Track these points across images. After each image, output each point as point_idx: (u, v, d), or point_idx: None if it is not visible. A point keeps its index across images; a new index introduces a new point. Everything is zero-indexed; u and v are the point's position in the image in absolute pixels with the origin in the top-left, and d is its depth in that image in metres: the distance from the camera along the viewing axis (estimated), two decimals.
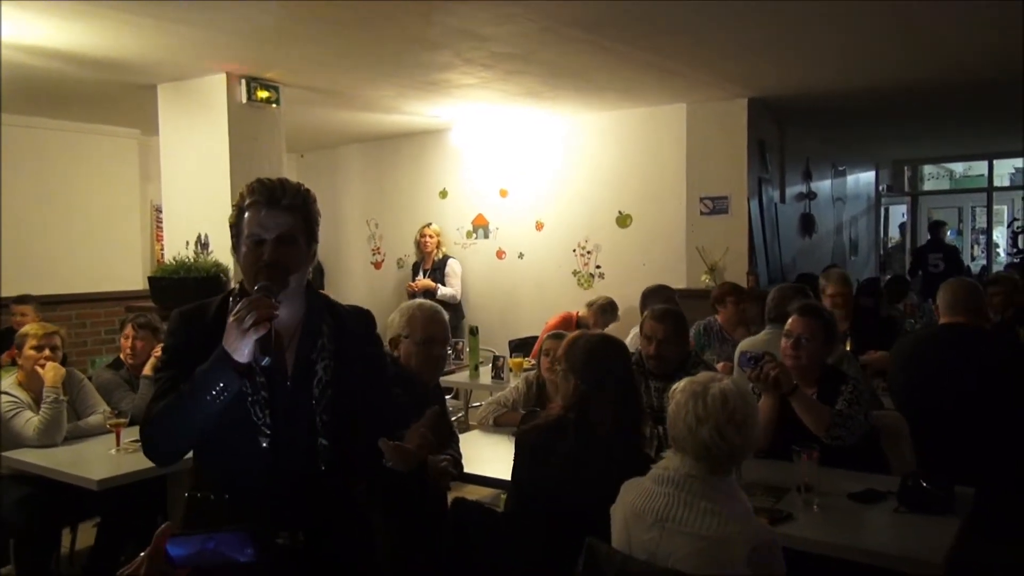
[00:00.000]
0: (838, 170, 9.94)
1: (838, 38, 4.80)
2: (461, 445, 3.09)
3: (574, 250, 7.27)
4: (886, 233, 13.14)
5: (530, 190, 7.47)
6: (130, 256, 7.37)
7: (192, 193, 5.62)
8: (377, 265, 8.61)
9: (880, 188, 12.08)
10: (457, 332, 6.20)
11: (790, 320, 3.14)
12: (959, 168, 14.20)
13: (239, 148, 5.43)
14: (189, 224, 5.62)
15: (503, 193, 7.64)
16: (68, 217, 6.89)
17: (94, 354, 6.56)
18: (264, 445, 1.72)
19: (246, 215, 1.76)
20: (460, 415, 5.97)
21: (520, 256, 7.57)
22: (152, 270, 6.30)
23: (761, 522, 2.02)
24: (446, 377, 5.10)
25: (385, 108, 6.65)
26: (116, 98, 5.93)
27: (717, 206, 6.53)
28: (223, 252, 5.39)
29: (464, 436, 3.48)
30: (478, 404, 4.87)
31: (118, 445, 3.40)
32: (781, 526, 2.34)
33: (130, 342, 4.10)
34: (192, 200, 5.62)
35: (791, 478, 2.62)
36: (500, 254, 7.68)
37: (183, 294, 4.84)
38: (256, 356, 1.63)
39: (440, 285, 7.22)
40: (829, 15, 4.30)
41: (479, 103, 6.52)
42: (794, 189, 8.13)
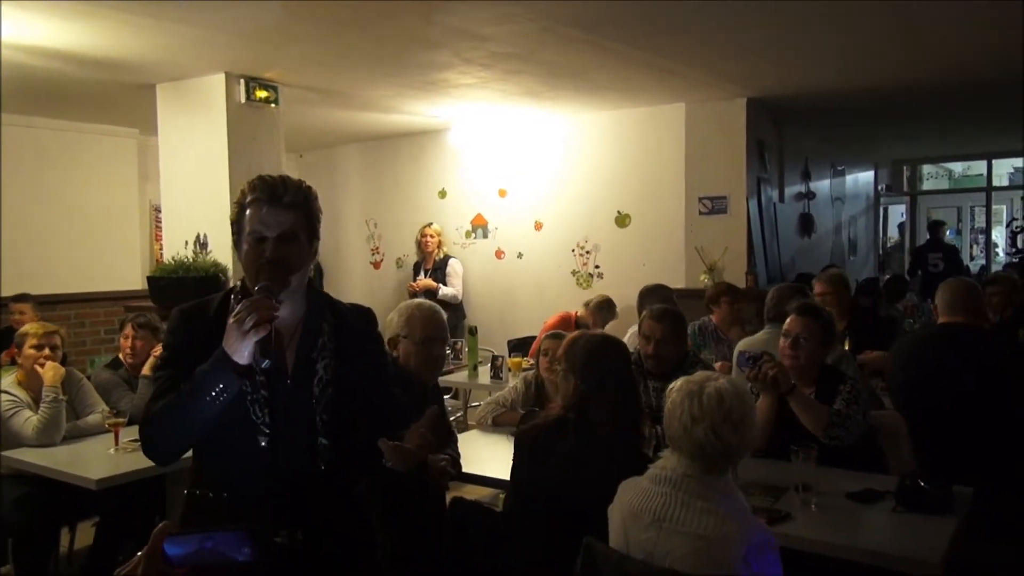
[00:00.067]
0: (837, 170, 9.94)
1: (837, 38, 4.81)
2: (460, 445, 3.09)
3: (573, 250, 7.27)
4: (885, 233, 13.14)
5: (529, 190, 7.47)
6: (129, 256, 7.37)
7: (191, 193, 5.63)
8: (376, 265, 8.60)
9: (879, 188, 12.08)
10: (457, 332, 6.20)
11: (788, 320, 3.14)
12: (958, 168, 14.19)
13: (238, 148, 5.44)
14: (188, 224, 5.62)
15: (502, 193, 7.64)
16: (67, 217, 6.89)
17: (93, 354, 6.55)
18: (263, 444, 1.71)
19: (247, 212, 1.75)
20: (459, 415, 5.97)
21: (519, 256, 7.57)
22: (151, 270, 6.30)
23: (758, 521, 2.02)
24: (445, 377, 5.10)
25: (384, 108, 6.65)
26: (115, 98, 5.93)
27: (716, 206, 6.53)
28: (222, 252, 5.39)
29: (463, 436, 3.48)
30: (477, 404, 4.87)
31: (117, 444, 3.40)
32: (779, 526, 2.34)
33: (130, 342, 4.10)
34: (191, 200, 5.63)
35: (789, 478, 2.62)
36: (499, 254, 7.68)
37: (182, 294, 4.84)
38: (256, 358, 1.62)
39: (441, 285, 7.21)
40: (828, 15, 4.30)
41: (478, 103, 6.52)
42: (793, 189, 8.13)
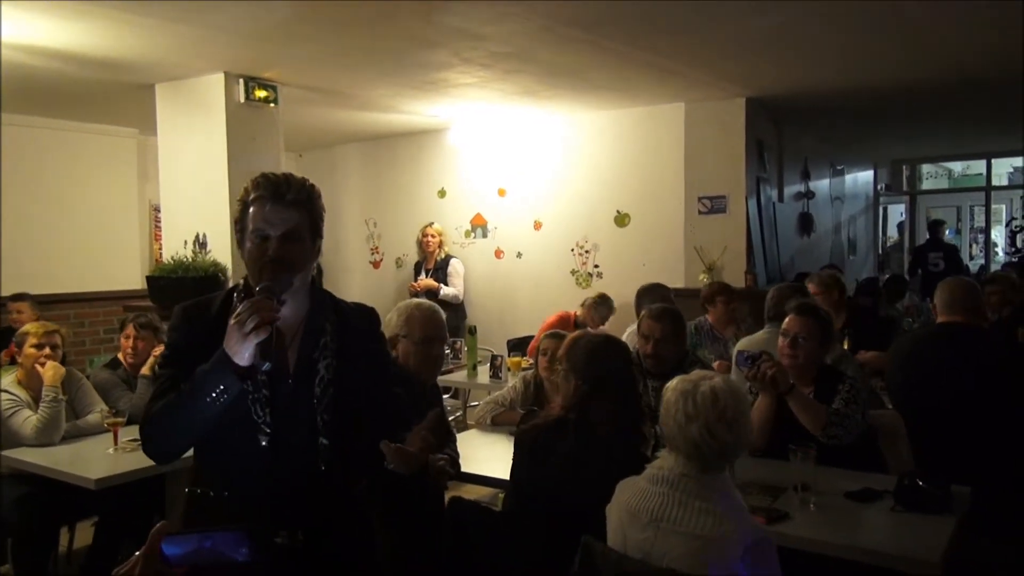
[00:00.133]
0: (836, 169, 9.94)
1: (837, 38, 4.81)
2: (459, 444, 3.08)
3: (572, 249, 7.27)
4: (884, 232, 13.14)
5: (528, 189, 7.47)
6: (128, 255, 7.36)
7: (190, 192, 5.63)
8: (376, 264, 8.60)
9: (878, 187, 12.08)
10: (458, 333, 6.20)
11: (787, 319, 3.13)
12: (957, 167, 14.19)
13: (237, 147, 5.44)
14: (187, 223, 5.62)
15: (501, 192, 7.64)
16: (66, 216, 6.88)
17: (92, 353, 6.55)
18: (264, 444, 1.70)
19: (250, 210, 1.74)
20: (458, 414, 5.97)
21: (518, 255, 7.57)
22: (150, 269, 6.30)
23: (755, 521, 2.02)
24: (444, 376, 5.10)
25: (383, 107, 6.65)
26: (114, 98, 5.93)
27: (715, 205, 6.53)
28: (221, 251, 5.39)
29: (462, 435, 3.48)
30: (476, 403, 4.87)
31: (116, 444, 3.40)
32: (778, 525, 2.34)
33: (131, 342, 4.10)
34: (190, 199, 5.63)
35: (788, 477, 2.62)
36: (498, 253, 7.68)
37: (181, 293, 4.83)
38: (256, 361, 1.60)
39: (443, 285, 7.20)
40: (828, 15, 4.30)
41: (477, 102, 6.52)
42: (792, 188, 8.13)
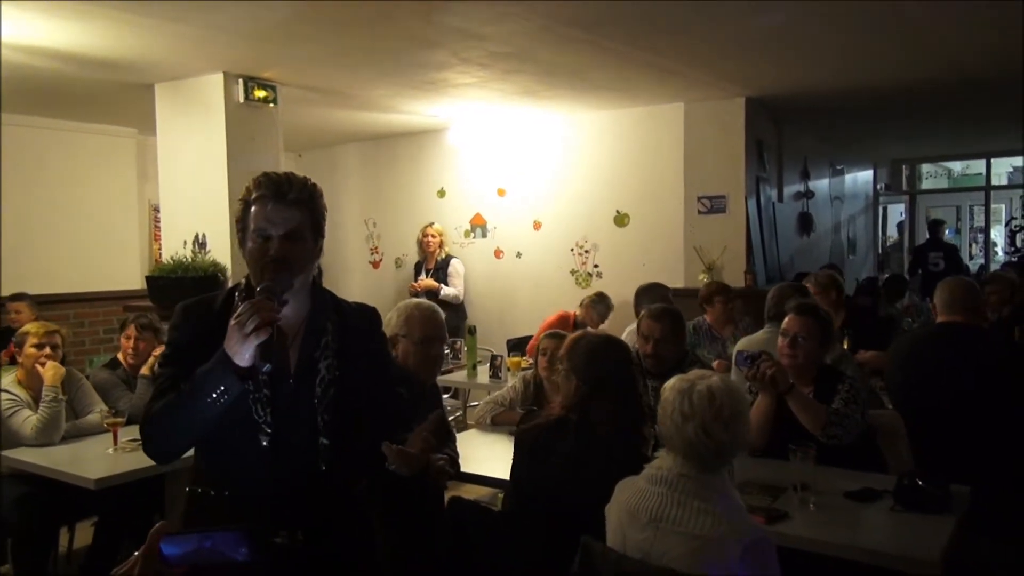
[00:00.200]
0: (836, 169, 9.94)
1: (836, 37, 4.80)
2: (458, 444, 3.08)
3: (572, 249, 7.27)
4: (884, 232, 13.13)
5: (528, 189, 7.47)
6: (128, 255, 7.36)
7: (190, 192, 5.62)
8: (375, 264, 8.60)
9: (878, 187, 12.08)
10: (458, 333, 6.20)
11: (786, 319, 3.13)
12: (957, 167, 14.20)
13: (236, 147, 5.44)
14: (187, 223, 5.62)
15: (501, 192, 7.64)
16: (66, 216, 6.88)
17: (92, 353, 6.56)
18: (264, 444, 1.70)
19: (252, 209, 1.74)
20: (458, 414, 5.97)
21: (518, 255, 7.57)
22: (150, 269, 6.30)
23: (754, 521, 2.02)
24: (444, 376, 5.09)
25: (383, 107, 6.65)
26: (114, 97, 5.93)
27: (715, 205, 6.53)
28: (221, 251, 5.39)
29: (461, 435, 3.48)
30: (476, 403, 4.87)
31: (115, 444, 3.40)
32: (777, 525, 2.34)
33: (132, 342, 4.10)
34: (190, 199, 5.63)
35: (787, 477, 2.62)
36: (498, 253, 7.68)
37: (181, 293, 4.81)
38: (257, 362, 1.60)
39: (443, 285, 7.20)
40: (828, 15, 4.30)
41: (477, 102, 6.52)
42: (792, 188, 8.13)
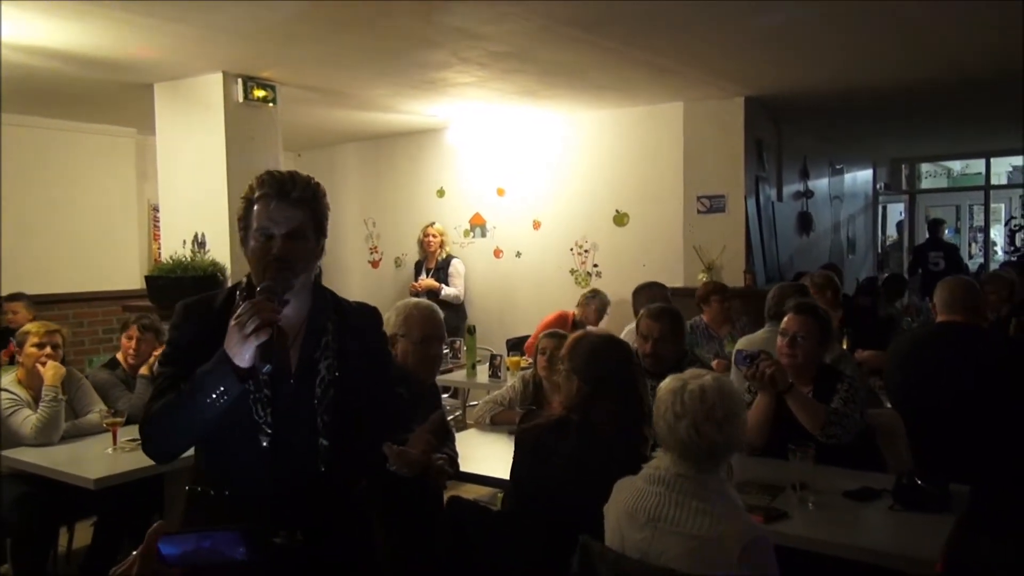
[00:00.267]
0: (835, 168, 9.93)
1: (836, 37, 4.80)
2: (458, 444, 3.08)
3: (571, 249, 7.27)
4: (884, 231, 13.12)
5: (527, 189, 7.47)
6: (127, 255, 7.36)
7: (189, 192, 5.62)
8: (375, 264, 8.60)
9: (878, 186, 12.07)
10: (458, 332, 6.20)
11: (786, 318, 3.13)
12: (957, 166, 14.19)
13: (236, 147, 5.43)
14: (186, 223, 5.61)
15: (500, 192, 7.64)
16: (65, 216, 6.88)
17: (91, 353, 6.55)
18: (264, 444, 1.70)
19: (255, 208, 1.73)
20: (457, 414, 5.97)
21: (518, 255, 7.57)
22: (149, 269, 6.29)
23: (753, 520, 2.02)
24: (444, 376, 5.09)
25: (382, 107, 6.65)
26: (113, 97, 5.93)
27: (714, 205, 6.53)
28: (220, 251, 5.39)
29: (461, 435, 3.48)
30: (475, 403, 4.87)
31: (115, 444, 3.40)
32: (776, 524, 2.34)
33: (134, 343, 4.10)
34: (189, 199, 5.62)
35: (787, 476, 2.62)
36: (497, 253, 7.68)
37: (180, 293, 4.76)
38: (257, 362, 1.59)
39: (443, 285, 7.19)
40: (827, 14, 4.30)
41: (476, 102, 6.52)
42: (791, 187, 8.12)
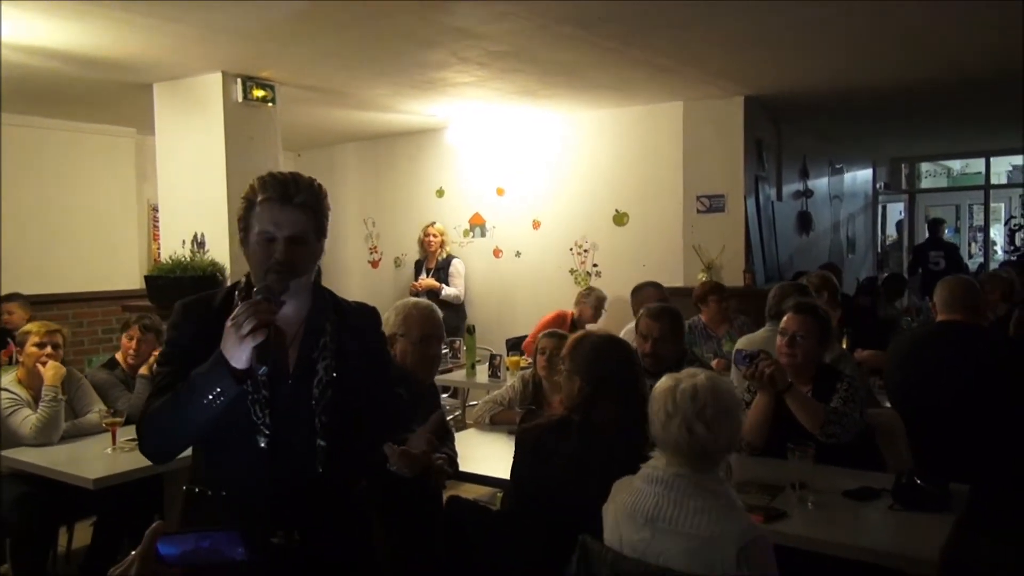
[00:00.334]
0: (835, 168, 9.93)
1: (836, 37, 4.80)
2: (457, 443, 3.08)
3: (571, 249, 7.27)
4: (883, 231, 13.11)
5: (527, 189, 7.46)
6: (127, 255, 7.35)
7: (188, 192, 5.62)
8: (374, 264, 8.60)
9: (877, 186, 12.07)
10: (458, 332, 6.20)
11: (785, 318, 3.13)
12: (956, 166, 14.20)
13: (235, 147, 5.43)
14: (185, 223, 5.61)
15: (500, 192, 7.64)
16: (64, 216, 6.87)
17: (91, 353, 6.55)
18: (262, 445, 1.69)
19: (256, 210, 1.72)
20: (457, 413, 5.97)
21: (517, 255, 7.57)
22: (149, 269, 6.28)
23: (752, 520, 2.01)
24: (443, 376, 5.09)
25: (381, 107, 6.65)
26: (112, 97, 5.92)
27: (714, 204, 6.53)
28: (219, 251, 5.38)
29: (460, 435, 3.48)
30: (475, 403, 4.87)
31: (114, 444, 3.40)
32: (776, 524, 2.34)
33: (134, 343, 4.09)
34: (188, 199, 5.62)
35: (786, 476, 2.62)
36: (497, 253, 7.68)
37: (180, 293, 4.72)
38: (253, 364, 1.59)
39: (444, 285, 7.19)
40: (828, 14, 4.29)
41: (475, 101, 6.51)
42: (791, 187, 8.12)
